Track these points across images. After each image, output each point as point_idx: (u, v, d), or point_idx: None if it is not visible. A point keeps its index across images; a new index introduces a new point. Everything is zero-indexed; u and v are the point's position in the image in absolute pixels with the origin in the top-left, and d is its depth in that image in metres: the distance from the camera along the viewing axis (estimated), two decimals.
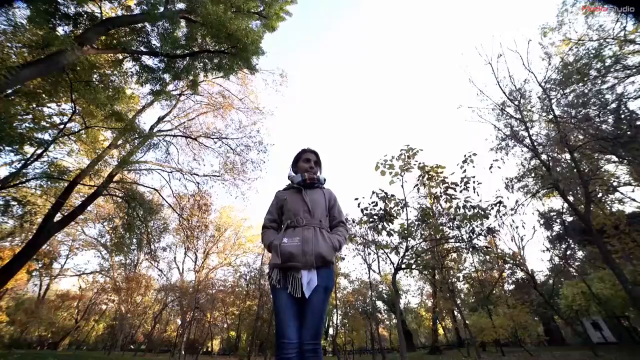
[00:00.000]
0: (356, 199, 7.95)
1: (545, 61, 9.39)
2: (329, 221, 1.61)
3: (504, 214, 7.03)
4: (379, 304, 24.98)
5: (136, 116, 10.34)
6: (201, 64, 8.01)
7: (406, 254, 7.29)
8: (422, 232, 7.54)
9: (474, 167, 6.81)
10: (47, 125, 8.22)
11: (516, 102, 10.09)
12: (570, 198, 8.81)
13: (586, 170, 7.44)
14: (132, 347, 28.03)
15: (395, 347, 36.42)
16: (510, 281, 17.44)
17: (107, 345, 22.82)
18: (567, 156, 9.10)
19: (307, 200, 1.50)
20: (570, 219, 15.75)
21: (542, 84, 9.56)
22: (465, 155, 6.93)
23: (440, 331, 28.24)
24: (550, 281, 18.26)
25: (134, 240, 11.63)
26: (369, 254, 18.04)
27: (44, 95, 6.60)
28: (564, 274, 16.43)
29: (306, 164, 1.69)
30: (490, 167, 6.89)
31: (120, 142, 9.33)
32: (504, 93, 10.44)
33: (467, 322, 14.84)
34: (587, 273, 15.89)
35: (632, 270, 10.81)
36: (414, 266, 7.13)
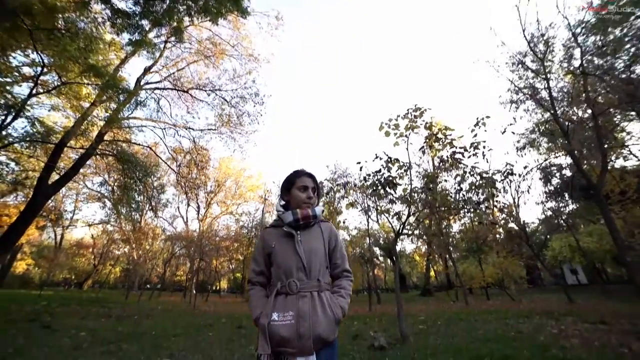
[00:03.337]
0: (358, 162, 7.63)
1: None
2: (331, 269, 1.30)
3: (511, 181, 6.79)
4: (376, 249, 26.36)
5: (119, 68, 9.37)
6: (184, 7, 6.89)
7: (408, 219, 7.23)
8: (426, 199, 7.36)
9: (485, 131, 6.32)
10: (19, 77, 7.45)
11: (538, 50, 9.04)
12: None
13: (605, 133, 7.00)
14: (148, 286, 30.74)
15: (389, 288, 40.04)
16: (502, 231, 18.09)
17: (125, 285, 25.01)
18: (583, 113, 8.50)
19: (301, 253, 1.17)
20: (570, 173, 15.60)
21: (572, 29, 8.41)
22: (477, 118, 6.39)
23: (432, 274, 30.56)
24: (542, 236, 19.12)
25: (135, 198, 11.65)
26: (368, 207, 18.45)
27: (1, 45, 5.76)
28: (555, 227, 17.00)
29: (302, 194, 1.30)
30: (504, 132, 6.41)
31: (104, 98, 8.59)
32: (526, 40, 9.28)
33: (458, 271, 15.85)
34: (577, 228, 16.41)
35: (621, 227, 11.09)
36: (415, 232, 7.12)
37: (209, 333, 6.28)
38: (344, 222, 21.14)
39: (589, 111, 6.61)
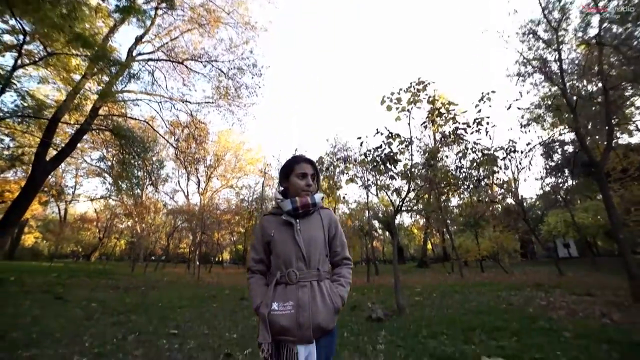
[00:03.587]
0: (359, 137, 7.53)
1: None
2: (330, 256, 1.28)
3: (513, 158, 6.71)
4: (375, 223, 26.81)
5: (108, 38, 8.88)
6: None
7: (408, 195, 7.25)
8: (426, 175, 7.33)
9: (490, 106, 6.14)
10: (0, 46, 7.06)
11: (552, 18, 8.49)
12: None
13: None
14: (153, 258, 31.80)
15: (387, 259, 41.42)
16: (500, 206, 18.30)
17: (130, 257, 25.91)
18: (593, 87, 8.17)
19: (300, 243, 1.15)
20: (572, 149, 15.45)
21: None
22: (482, 93, 6.17)
23: (429, 247, 31.43)
24: (538, 211, 19.39)
25: (135, 173, 11.62)
26: (368, 180, 18.52)
27: None
28: (552, 203, 17.20)
29: (301, 181, 1.26)
30: (509, 107, 6.20)
31: (95, 70, 8.23)
32: (541, 6, 8.68)
33: (454, 244, 16.28)
34: (573, 203, 16.60)
35: (617, 204, 11.20)
36: (414, 208, 7.17)
37: (213, 304, 6.57)
38: (343, 198, 21.36)
39: (599, 85, 6.33)
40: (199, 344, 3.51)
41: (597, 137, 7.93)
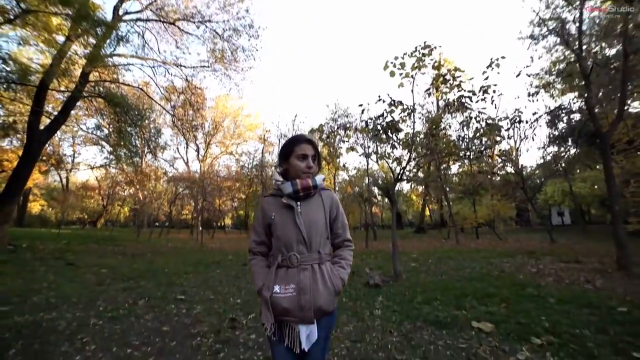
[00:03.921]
0: (360, 105, 7.32)
1: None
2: (332, 238, 1.28)
3: (518, 128, 6.55)
4: (375, 189, 27.11)
5: None
6: None
7: (408, 164, 7.21)
8: (428, 144, 7.22)
9: (498, 73, 5.84)
10: None
11: None
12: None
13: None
14: (157, 224, 32.71)
15: (385, 224, 42.60)
16: (499, 174, 18.37)
17: (135, 223, 26.65)
18: (610, 51, 7.69)
19: (301, 227, 1.14)
20: (578, 117, 15.05)
21: None
22: (491, 59, 5.83)
23: (427, 213, 32.15)
24: (537, 180, 19.38)
25: (132, 142, 11.46)
26: (369, 148, 18.38)
27: None
28: (552, 172, 17.21)
29: (301, 163, 1.21)
30: (518, 74, 5.90)
31: (79, 32, 7.69)
32: None
33: (452, 211, 16.62)
34: (573, 173, 16.62)
35: (617, 175, 11.20)
36: (414, 178, 7.17)
37: (217, 270, 6.87)
38: (344, 166, 21.35)
39: (618, 49, 5.92)
40: (205, 308, 3.72)
41: (605, 105, 7.65)
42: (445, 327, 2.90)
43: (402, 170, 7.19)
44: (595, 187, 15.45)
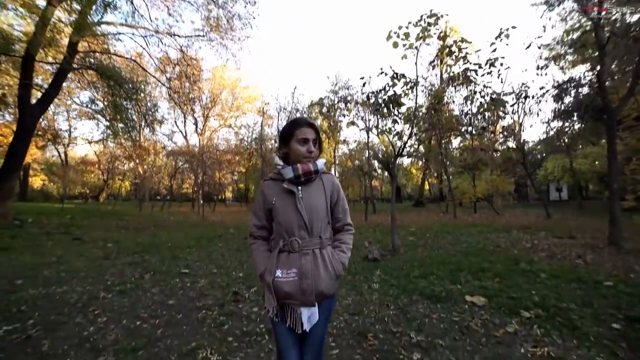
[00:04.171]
0: (362, 78, 7.08)
1: None
2: (332, 222, 1.29)
3: (523, 103, 6.35)
4: (375, 162, 27.06)
5: None
6: None
7: (409, 139, 7.12)
8: (430, 120, 7.06)
9: (507, 44, 5.56)
10: None
11: None
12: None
13: None
14: (158, 197, 33.09)
15: (385, 198, 43.10)
16: (500, 150, 18.30)
17: (137, 197, 27.00)
18: (631, 18, 7.23)
19: (302, 212, 1.14)
20: (587, 91, 14.58)
21: None
22: (500, 29, 5.52)
23: (426, 187, 32.39)
24: (538, 155, 19.31)
25: (129, 117, 11.21)
26: (369, 121, 18.11)
27: None
28: (554, 148, 17.06)
29: (302, 147, 1.18)
30: (529, 46, 5.60)
31: None
32: None
33: (451, 186, 16.73)
34: (575, 149, 16.48)
35: (620, 152, 11.10)
36: (415, 154, 7.10)
37: (219, 244, 7.06)
38: (344, 141, 21.16)
39: (637, 17, 5.57)
40: (208, 282, 3.87)
41: (617, 78, 7.35)
42: (440, 301, 3.03)
43: (402, 145, 7.12)
44: (596, 163, 15.40)
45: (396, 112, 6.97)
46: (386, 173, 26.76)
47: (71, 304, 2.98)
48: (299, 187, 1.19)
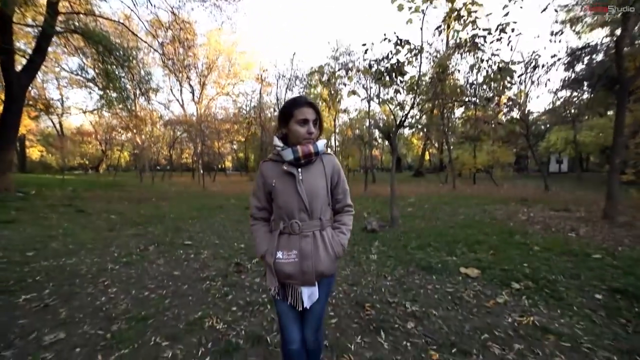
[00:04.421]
0: (364, 44, 6.72)
1: None
2: (332, 204, 1.29)
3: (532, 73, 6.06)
4: (375, 131, 26.67)
5: None
6: None
7: (412, 110, 6.93)
8: (435, 90, 6.81)
9: (521, 7, 5.18)
10: None
11: None
12: None
13: None
14: (158, 168, 33.11)
15: (385, 167, 43.14)
16: (503, 122, 18.00)
17: (136, 168, 26.99)
18: None
19: (302, 195, 1.13)
20: (601, 58, 13.87)
21: None
22: None
23: (427, 157, 32.28)
24: (542, 126, 18.94)
25: (123, 86, 10.80)
26: (371, 88, 17.56)
27: None
28: (559, 119, 16.72)
29: (302, 128, 1.14)
30: (545, 9, 5.21)
31: None
32: None
33: (452, 156, 16.66)
34: (580, 120, 16.11)
35: (628, 124, 10.84)
36: (417, 125, 6.97)
37: (220, 215, 7.19)
38: (344, 110, 20.66)
39: None
40: (211, 253, 4.00)
41: (638, 44, 6.90)
42: (436, 273, 3.16)
43: (404, 116, 6.96)
44: (601, 135, 15.14)
45: (399, 82, 6.73)
46: (386, 142, 26.54)
47: (82, 275, 3.11)
48: (299, 169, 1.18)
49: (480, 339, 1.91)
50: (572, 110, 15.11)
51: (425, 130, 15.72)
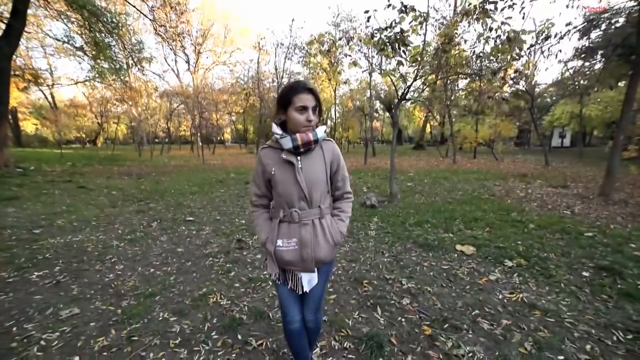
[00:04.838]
0: (367, 11, 6.33)
1: None
2: (332, 191, 1.29)
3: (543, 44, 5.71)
4: (376, 103, 26.02)
5: None
6: None
7: (414, 82, 6.69)
8: (439, 62, 6.52)
9: None
10: None
11: None
12: None
13: None
14: (157, 140, 32.68)
15: (385, 140, 42.70)
16: (509, 93, 17.47)
17: (135, 141, 26.66)
18: None
19: (302, 184, 1.12)
20: (620, 23, 12.98)
21: None
22: None
23: (428, 129, 31.80)
24: (548, 99, 18.33)
25: (114, 57, 10.33)
26: (373, 58, 16.83)
27: None
28: (567, 91, 16.17)
29: (301, 116, 1.10)
30: None
31: None
32: None
33: (453, 130, 16.42)
34: (589, 93, 15.57)
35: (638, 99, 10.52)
36: (420, 99, 6.77)
37: (220, 190, 7.25)
38: (345, 82, 19.96)
39: None
40: (213, 230, 4.09)
41: None
42: (432, 250, 3.26)
43: (406, 89, 6.76)
44: (608, 108, 14.74)
45: (402, 53, 6.44)
46: (387, 114, 26.06)
47: (89, 252, 3.21)
48: (299, 158, 1.17)
49: (471, 315, 2.02)
50: (582, 81, 14.56)
51: (427, 103, 15.30)
